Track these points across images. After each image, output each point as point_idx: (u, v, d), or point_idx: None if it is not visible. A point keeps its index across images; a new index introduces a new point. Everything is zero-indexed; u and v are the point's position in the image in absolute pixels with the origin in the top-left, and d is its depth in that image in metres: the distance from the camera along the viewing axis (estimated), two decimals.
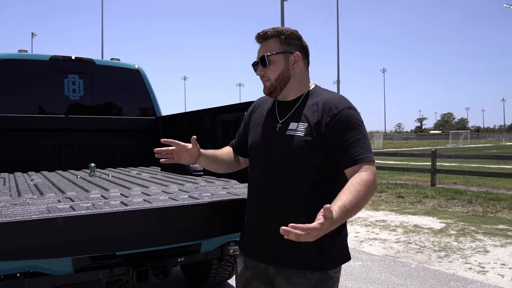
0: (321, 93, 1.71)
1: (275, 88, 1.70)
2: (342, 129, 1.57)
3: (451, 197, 9.11)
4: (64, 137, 4.36)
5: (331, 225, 1.35)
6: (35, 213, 1.70)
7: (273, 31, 1.70)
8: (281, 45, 1.70)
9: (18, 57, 4.20)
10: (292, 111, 1.70)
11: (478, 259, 4.80)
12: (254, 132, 1.79)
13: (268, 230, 1.66)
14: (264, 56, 1.68)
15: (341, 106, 1.61)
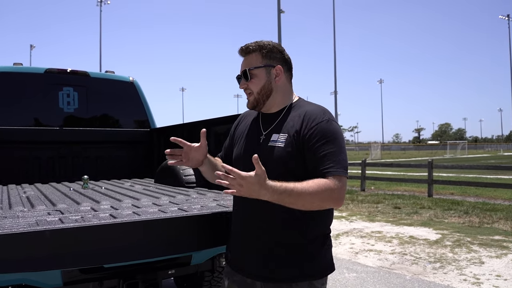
0: (303, 106, 1.74)
1: (258, 101, 1.73)
2: (317, 141, 1.58)
3: (447, 208, 9.11)
4: (59, 149, 4.37)
5: (261, 188, 1.41)
6: (23, 226, 1.71)
7: (255, 45, 1.73)
8: (262, 59, 1.73)
9: (13, 70, 4.23)
10: (275, 123, 1.72)
11: (473, 270, 4.80)
12: (239, 145, 1.82)
13: (253, 243, 1.68)
14: (246, 70, 1.72)
15: (320, 119, 1.63)
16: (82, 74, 4.52)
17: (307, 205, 1.51)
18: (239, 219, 1.77)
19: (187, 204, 2.39)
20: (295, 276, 1.62)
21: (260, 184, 1.41)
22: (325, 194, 1.49)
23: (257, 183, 1.40)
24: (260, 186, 1.41)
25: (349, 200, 10.78)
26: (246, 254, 1.71)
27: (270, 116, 1.76)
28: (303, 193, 1.47)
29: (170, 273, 2.57)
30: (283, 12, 30.65)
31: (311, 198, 1.48)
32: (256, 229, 1.67)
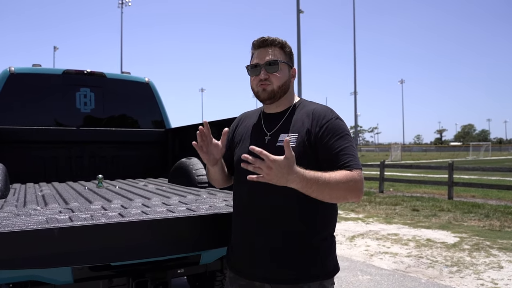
0: (308, 105, 1.75)
1: (275, 95, 1.71)
2: (331, 137, 1.60)
3: (467, 211, 8.93)
4: (76, 149, 4.46)
5: (289, 169, 1.37)
6: (33, 224, 1.75)
7: (281, 40, 1.74)
8: (285, 56, 1.75)
9: (32, 71, 4.33)
10: (280, 123, 1.72)
11: (492, 275, 4.69)
12: (241, 146, 1.79)
13: (261, 246, 1.66)
14: (277, 61, 1.70)
15: (329, 116, 1.66)
16: (98, 75, 4.60)
17: (333, 194, 1.50)
18: (243, 222, 1.74)
19: (196, 204, 2.41)
20: (306, 276, 1.62)
21: (290, 168, 1.38)
22: (351, 184, 1.50)
23: (287, 167, 1.37)
24: (290, 170, 1.38)
25: (366, 201, 10.67)
26: (252, 257, 1.68)
27: (273, 116, 1.76)
28: (331, 182, 1.46)
29: (179, 272, 2.60)
30: (302, 12, 30.58)
31: (337, 187, 1.48)
32: (265, 230, 1.65)
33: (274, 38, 1.73)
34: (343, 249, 5.94)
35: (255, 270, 1.67)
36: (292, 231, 1.63)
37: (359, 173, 1.55)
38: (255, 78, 1.73)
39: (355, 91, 54.31)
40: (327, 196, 1.50)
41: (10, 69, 4.24)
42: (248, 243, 1.71)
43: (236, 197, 1.82)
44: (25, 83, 4.27)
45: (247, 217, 1.71)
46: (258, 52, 1.74)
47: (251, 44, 1.78)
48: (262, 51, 1.73)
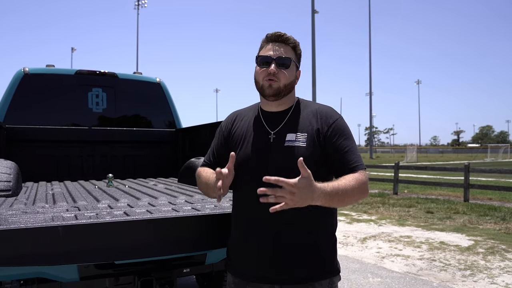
0: (310, 105, 1.77)
1: (280, 92, 1.68)
2: (339, 137, 1.64)
3: (483, 214, 8.77)
4: (88, 148, 4.52)
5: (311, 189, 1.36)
6: (39, 222, 1.77)
7: (295, 40, 1.74)
8: (295, 57, 1.74)
9: (45, 71, 4.41)
10: (284, 122, 1.70)
11: (506, 279, 4.59)
12: (244, 145, 1.73)
13: (269, 249, 1.62)
14: (290, 59, 1.68)
15: (335, 116, 1.70)
16: (110, 75, 4.65)
17: (349, 200, 1.53)
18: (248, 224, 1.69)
19: (201, 203, 2.41)
20: (317, 274, 1.63)
21: (311, 187, 1.36)
22: (362, 187, 1.55)
23: (308, 187, 1.35)
24: (311, 189, 1.36)
25: (380, 203, 10.56)
26: (259, 260, 1.64)
27: (275, 114, 1.73)
28: (348, 190, 1.49)
29: (185, 272, 2.60)
30: (317, 12, 30.58)
31: (353, 193, 1.51)
32: (272, 231, 1.62)
33: (288, 36, 1.72)
34: (354, 251, 5.89)
35: (263, 272, 1.64)
36: (301, 230, 1.62)
37: (366, 173, 1.61)
38: (263, 71, 1.68)
39: (370, 92, 53.97)
40: (345, 203, 1.54)
41: (24, 70, 4.33)
42: (253, 244, 1.66)
43: (239, 197, 1.77)
44: (38, 83, 4.34)
45: (256, 219, 1.65)
46: (271, 45, 1.70)
47: (265, 36, 1.75)
48: (276, 45, 1.70)
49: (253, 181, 1.65)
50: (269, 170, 1.60)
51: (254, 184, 1.64)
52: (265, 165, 1.65)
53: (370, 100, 53.98)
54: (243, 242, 1.72)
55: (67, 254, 1.75)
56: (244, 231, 1.72)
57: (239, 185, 1.75)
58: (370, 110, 54.70)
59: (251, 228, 1.68)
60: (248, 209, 1.70)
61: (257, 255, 1.66)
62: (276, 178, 1.33)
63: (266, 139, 1.69)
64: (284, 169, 1.56)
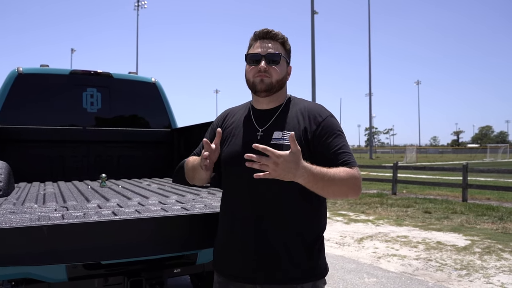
0: (300, 102, 1.74)
1: (272, 88, 1.66)
2: (329, 136, 1.61)
3: (481, 213, 8.75)
4: (82, 148, 4.50)
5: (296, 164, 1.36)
6: (24, 221, 1.76)
7: (283, 36, 1.73)
8: (285, 52, 1.73)
9: (39, 71, 4.39)
10: (273, 119, 1.68)
11: (502, 279, 4.58)
12: (231, 143, 1.72)
13: (252, 248, 1.61)
14: (279, 54, 1.67)
15: (324, 114, 1.66)
16: (105, 75, 4.64)
17: (336, 191, 1.50)
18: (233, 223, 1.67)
19: (192, 203, 2.40)
20: (300, 277, 1.59)
21: (297, 163, 1.37)
22: (352, 181, 1.51)
23: (294, 161, 1.36)
24: (297, 164, 1.37)
25: (378, 203, 10.55)
26: (244, 259, 1.63)
27: (265, 112, 1.71)
28: (336, 178, 1.47)
29: (176, 272, 2.59)
30: (317, 13, 30.55)
31: (341, 184, 1.48)
32: (256, 232, 1.60)
33: (277, 32, 1.71)
34: (350, 251, 5.87)
35: (245, 272, 1.62)
36: (285, 230, 1.59)
37: (358, 171, 1.58)
38: (252, 68, 1.67)
39: (370, 93, 53.98)
40: (330, 192, 1.50)
41: (18, 70, 4.31)
42: (236, 242, 1.65)
43: (224, 194, 1.76)
44: (32, 83, 4.33)
45: (241, 217, 1.64)
46: (259, 43, 1.70)
47: (253, 34, 1.74)
48: (264, 42, 1.69)
49: (239, 178, 1.67)
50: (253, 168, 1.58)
51: (239, 182, 1.67)
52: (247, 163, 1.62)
53: (369, 101, 53.99)
54: (227, 240, 1.71)
55: (52, 254, 1.73)
56: (227, 228, 1.71)
57: (226, 182, 1.76)
58: (370, 111, 54.72)
59: (234, 225, 1.67)
60: (232, 206, 1.70)
61: (240, 254, 1.64)
62: (263, 147, 1.35)
63: (254, 136, 1.67)
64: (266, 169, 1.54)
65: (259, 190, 1.61)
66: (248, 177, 1.61)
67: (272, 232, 1.60)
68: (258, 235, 1.61)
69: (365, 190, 14.04)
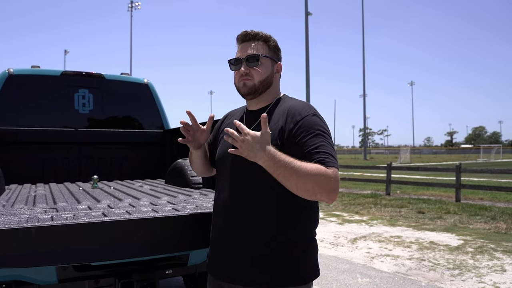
0: (287, 101, 1.69)
1: (257, 89, 1.66)
2: (305, 135, 1.52)
3: (474, 213, 8.80)
4: (74, 150, 4.47)
5: (260, 146, 1.39)
6: (12, 223, 1.74)
7: (264, 34, 1.70)
8: (269, 51, 1.70)
9: (30, 72, 4.36)
10: (258, 121, 1.65)
11: (494, 278, 4.60)
12: (222, 144, 1.75)
13: (234, 248, 1.61)
14: (257, 55, 1.65)
15: (304, 113, 1.57)
16: (97, 76, 4.61)
17: (300, 185, 1.41)
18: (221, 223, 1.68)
19: (183, 204, 2.39)
20: (278, 281, 1.54)
21: (261, 145, 1.39)
22: (321, 179, 1.40)
23: (259, 143, 1.39)
24: (261, 146, 1.39)
25: (371, 204, 10.58)
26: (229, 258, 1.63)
27: (255, 113, 1.71)
28: (300, 170, 1.39)
29: (167, 273, 2.58)
30: (311, 14, 30.63)
31: (305, 178, 1.39)
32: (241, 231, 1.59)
33: (257, 32, 1.69)
34: (344, 252, 5.88)
35: (228, 272, 1.62)
36: (269, 233, 1.56)
37: (334, 171, 1.44)
38: (236, 73, 1.69)
39: (364, 94, 54.17)
40: (293, 184, 1.42)
41: (9, 71, 4.28)
42: (222, 241, 1.65)
43: (216, 195, 1.77)
44: (23, 84, 4.29)
45: (227, 218, 1.65)
46: (240, 46, 1.70)
47: (236, 38, 1.73)
48: (245, 45, 1.68)
49: (225, 178, 1.69)
50: (234, 170, 1.64)
51: (225, 181, 1.68)
52: (235, 164, 1.64)
53: (364, 102, 54.20)
54: (214, 239, 1.72)
55: (41, 255, 1.72)
56: (214, 227, 1.73)
57: (217, 182, 1.78)
58: (364, 112, 54.94)
59: (221, 224, 1.67)
60: (219, 205, 1.71)
61: (225, 253, 1.64)
62: (239, 123, 1.42)
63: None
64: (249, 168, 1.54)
65: (241, 190, 1.62)
66: (231, 176, 1.66)
67: (254, 233, 1.57)
68: (240, 235, 1.60)
69: (359, 190, 14.08)
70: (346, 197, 12.13)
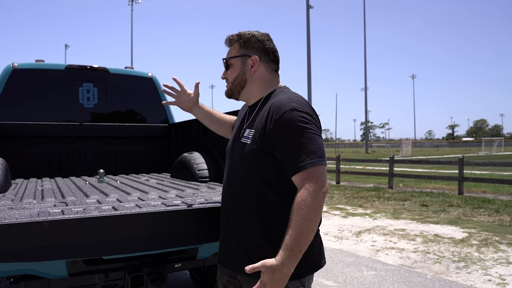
0: (275, 96, 1.63)
1: (233, 91, 1.74)
2: (283, 134, 1.47)
3: (477, 206, 8.80)
4: (79, 144, 4.46)
5: (276, 272, 1.37)
6: (24, 217, 1.74)
7: (235, 35, 1.73)
8: (240, 49, 1.72)
9: (35, 66, 4.34)
10: (251, 117, 1.68)
11: (499, 270, 4.60)
12: (230, 139, 1.83)
13: (230, 236, 1.66)
14: (223, 60, 1.76)
15: (283, 110, 1.49)
16: (101, 70, 4.59)
17: (310, 232, 1.38)
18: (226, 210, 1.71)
19: (192, 197, 2.39)
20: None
21: (274, 275, 1.39)
22: (304, 211, 1.36)
23: (273, 273, 1.39)
24: (273, 271, 1.39)
25: (375, 197, 10.58)
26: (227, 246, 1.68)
27: (251, 108, 1.74)
28: (299, 233, 1.36)
29: (176, 267, 2.58)
30: (312, 7, 30.47)
31: (305, 227, 1.37)
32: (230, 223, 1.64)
33: (230, 36, 1.75)
34: (349, 245, 5.88)
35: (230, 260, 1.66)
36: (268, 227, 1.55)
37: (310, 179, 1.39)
38: None
39: (365, 87, 54.00)
40: (307, 239, 1.38)
41: (13, 65, 4.26)
42: (225, 231, 1.70)
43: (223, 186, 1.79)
44: (28, 78, 4.28)
45: (223, 208, 1.73)
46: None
47: None
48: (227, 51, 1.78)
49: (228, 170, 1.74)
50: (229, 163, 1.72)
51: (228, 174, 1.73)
52: (230, 159, 1.72)
53: (365, 95, 54.02)
54: (221, 228, 1.76)
55: (52, 249, 1.71)
56: (222, 218, 1.76)
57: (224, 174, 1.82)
58: (366, 105, 54.78)
59: (224, 215, 1.72)
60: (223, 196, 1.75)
61: (225, 243, 1.70)
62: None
63: (239, 133, 1.71)
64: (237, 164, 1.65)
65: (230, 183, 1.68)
66: (227, 170, 1.73)
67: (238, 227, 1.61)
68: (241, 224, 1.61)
69: (362, 184, 14.08)
70: (349, 190, 12.13)
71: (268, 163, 1.53)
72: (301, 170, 1.42)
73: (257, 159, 1.54)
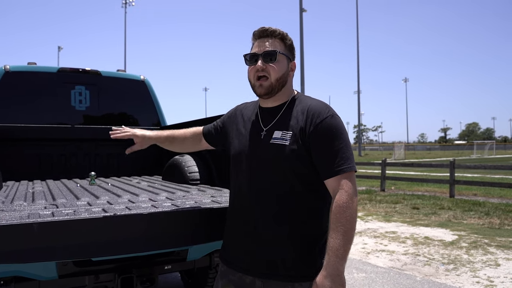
0: (304, 100, 1.68)
1: (273, 89, 1.66)
2: (324, 138, 1.55)
3: (468, 209, 8.89)
4: (70, 146, 4.47)
5: (333, 276, 1.44)
6: (13, 219, 1.75)
7: (281, 31, 1.70)
8: (285, 48, 1.70)
9: (27, 69, 4.34)
10: (276, 119, 1.67)
11: (488, 272, 4.66)
12: (239, 141, 1.76)
13: (253, 240, 1.63)
14: (275, 51, 1.64)
15: (324, 115, 1.58)
16: (93, 73, 4.60)
17: (350, 236, 1.47)
18: (238, 216, 1.71)
19: (182, 200, 2.41)
20: (300, 275, 1.57)
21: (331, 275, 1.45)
22: (347, 214, 1.46)
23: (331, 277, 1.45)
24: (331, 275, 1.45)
25: (366, 200, 10.64)
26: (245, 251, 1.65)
27: (270, 110, 1.71)
28: (345, 235, 1.45)
29: (166, 269, 2.59)
30: (305, 11, 30.61)
31: (349, 233, 1.46)
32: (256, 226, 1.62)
33: (274, 29, 1.69)
34: None
35: (248, 265, 1.64)
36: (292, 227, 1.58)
37: (347, 183, 1.49)
38: (252, 68, 1.68)
39: (358, 90, 54.27)
40: (352, 240, 1.48)
41: (5, 67, 4.26)
42: (243, 237, 1.67)
43: (233, 190, 1.77)
44: (20, 81, 4.28)
45: (244, 211, 1.68)
46: (257, 42, 1.70)
47: (252, 34, 1.74)
48: (262, 41, 1.68)
49: (242, 175, 1.71)
50: (253, 166, 1.66)
51: (241, 178, 1.71)
52: (253, 162, 1.67)
53: (358, 98, 54.26)
54: (232, 232, 1.74)
55: (42, 251, 1.73)
56: (232, 221, 1.75)
57: (233, 178, 1.79)
58: (359, 108, 55.02)
59: (241, 220, 1.69)
60: (238, 201, 1.72)
61: (243, 246, 1.67)
62: None
63: (258, 136, 1.69)
64: (268, 166, 1.60)
65: (257, 189, 1.64)
66: (250, 173, 1.68)
67: (266, 229, 1.60)
68: (254, 231, 1.62)
69: None
70: None
71: (305, 162, 1.57)
72: (340, 173, 1.50)
73: (297, 158, 1.56)
